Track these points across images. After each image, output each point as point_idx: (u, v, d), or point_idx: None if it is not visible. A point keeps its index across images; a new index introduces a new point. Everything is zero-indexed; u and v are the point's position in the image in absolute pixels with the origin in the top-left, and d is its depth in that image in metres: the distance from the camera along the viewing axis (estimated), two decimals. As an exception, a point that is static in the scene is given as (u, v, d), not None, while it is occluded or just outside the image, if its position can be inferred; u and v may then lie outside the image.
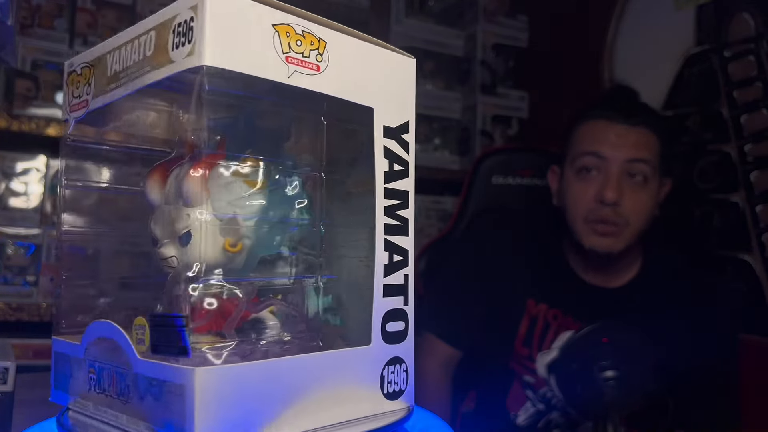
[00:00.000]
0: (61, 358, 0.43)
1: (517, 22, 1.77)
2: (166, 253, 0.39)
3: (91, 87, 0.42)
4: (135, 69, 0.38)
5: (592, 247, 1.01)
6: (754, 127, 1.16)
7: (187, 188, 0.38)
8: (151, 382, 0.35)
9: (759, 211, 1.15)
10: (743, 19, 1.19)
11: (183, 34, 0.34)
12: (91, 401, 0.40)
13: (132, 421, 0.37)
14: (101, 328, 0.39)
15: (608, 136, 1.00)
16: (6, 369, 0.65)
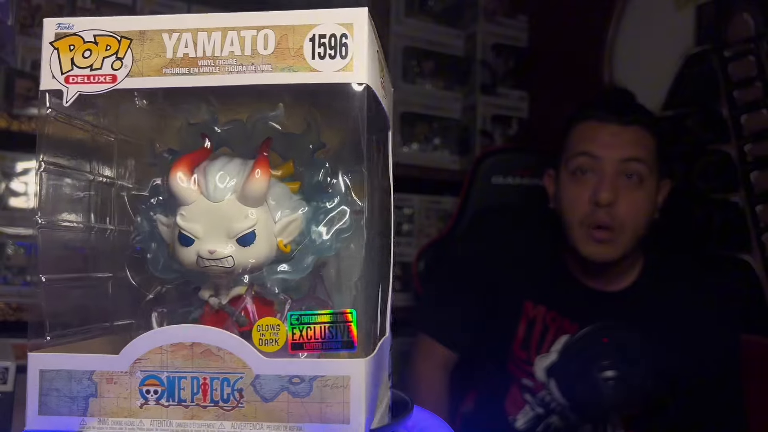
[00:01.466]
0: (58, 376, 0.37)
1: (517, 22, 1.77)
2: (220, 251, 0.38)
3: (127, 62, 0.38)
4: (234, 62, 0.37)
5: (589, 256, 0.99)
6: (754, 127, 1.16)
7: (253, 188, 0.38)
8: (292, 380, 0.36)
9: (759, 211, 1.15)
10: (743, 19, 1.19)
11: (332, 47, 0.36)
12: (149, 417, 0.37)
13: (245, 425, 0.37)
14: (180, 333, 0.37)
15: (601, 135, 0.99)
16: (6, 369, 0.65)
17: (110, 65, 0.38)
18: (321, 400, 0.36)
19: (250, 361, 0.36)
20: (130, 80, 0.38)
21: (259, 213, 0.39)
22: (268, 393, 0.36)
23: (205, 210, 0.38)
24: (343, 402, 0.36)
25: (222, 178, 0.39)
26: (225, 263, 0.38)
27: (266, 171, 0.38)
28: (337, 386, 0.36)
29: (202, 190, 0.39)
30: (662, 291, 1.04)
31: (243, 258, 0.39)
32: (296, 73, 0.37)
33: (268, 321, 0.37)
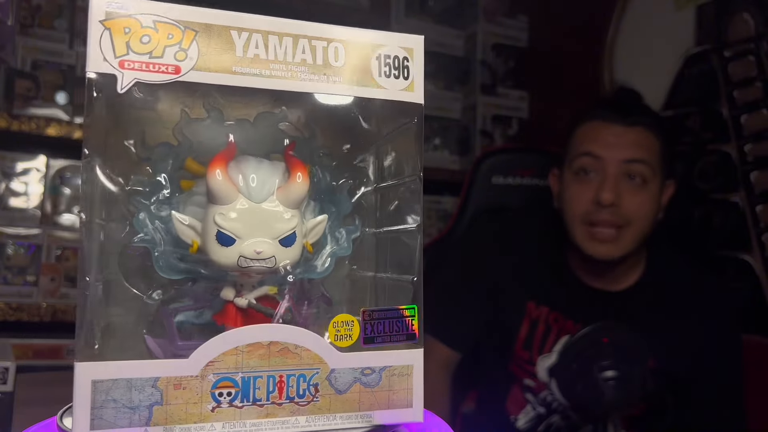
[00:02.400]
0: (115, 385, 0.35)
1: (517, 22, 1.77)
2: (266, 252, 0.38)
3: (192, 54, 0.37)
4: (307, 70, 0.39)
5: (592, 255, 1.00)
6: (754, 127, 1.16)
7: (297, 191, 0.39)
8: (364, 371, 0.39)
9: (759, 211, 1.15)
10: (743, 19, 1.19)
11: (396, 68, 0.40)
12: (221, 420, 0.37)
13: (320, 419, 0.38)
14: (257, 333, 0.38)
15: (605, 136, 0.99)
16: (6, 369, 0.65)
17: (173, 55, 0.36)
18: (389, 388, 0.40)
19: (326, 356, 0.38)
20: (196, 74, 0.37)
21: (300, 216, 0.40)
22: (342, 385, 0.39)
23: (247, 210, 0.38)
24: (407, 388, 0.40)
25: (262, 179, 0.39)
26: (269, 263, 0.39)
27: (306, 174, 0.40)
28: (402, 374, 0.40)
29: (240, 190, 0.38)
30: (663, 291, 1.04)
31: (282, 258, 0.39)
32: (365, 88, 0.40)
33: (342, 318, 0.40)
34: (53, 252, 1.34)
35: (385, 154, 0.45)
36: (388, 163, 0.46)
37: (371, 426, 0.40)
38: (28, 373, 0.96)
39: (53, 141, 1.32)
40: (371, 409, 0.39)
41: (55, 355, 1.33)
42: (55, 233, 1.35)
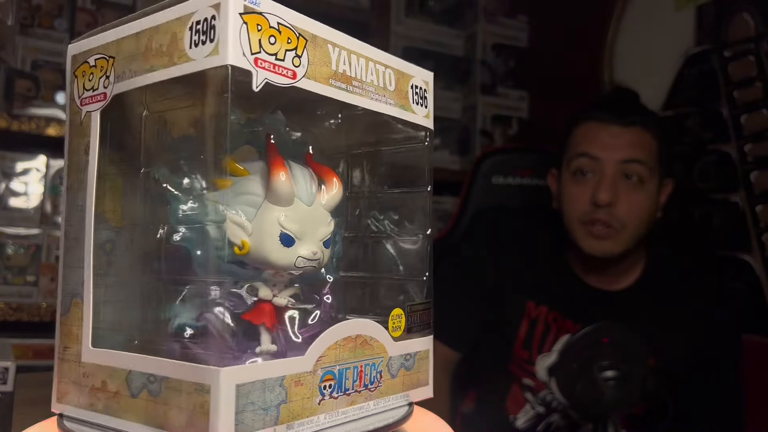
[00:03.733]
0: (253, 388, 0.34)
1: (517, 22, 1.78)
2: (320, 253, 0.41)
3: (304, 62, 0.38)
4: (374, 90, 0.43)
5: (590, 251, 1.00)
6: (754, 127, 1.16)
7: (338, 196, 0.42)
8: (406, 357, 0.45)
9: (759, 211, 1.15)
10: (743, 19, 1.19)
11: (422, 97, 0.48)
12: (323, 412, 0.38)
13: (382, 401, 0.43)
14: (347, 327, 0.41)
15: (602, 137, 1.00)
16: (6, 369, 0.65)
17: (291, 60, 0.37)
18: (417, 370, 0.46)
19: (388, 345, 0.43)
20: (307, 82, 0.38)
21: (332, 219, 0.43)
22: (394, 370, 0.44)
23: (303, 212, 0.40)
24: (426, 369, 0.47)
25: (308, 183, 0.41)
26: (318, 264, 0.41)
27: (340, 181, 0.43)
28: (424, 358, 0.47)
29: (296, 193, 0.40)
30: (663, 291, 1.04)
31: (325, 259, 0.42)
32: (405, 112, 0.46)
33: (396, 312, 0.45)
34: (53, 252, 1.34)
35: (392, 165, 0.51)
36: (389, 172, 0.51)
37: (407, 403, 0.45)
38: (28, 373, 0.96)
39: (53, 141, 1.32)
40: (408, 389, 0.45)
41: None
42: (55, 233, 1.35)
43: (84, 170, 0.40)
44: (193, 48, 0.35)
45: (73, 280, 0.41)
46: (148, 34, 0.38)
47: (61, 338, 0.42)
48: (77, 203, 0.41)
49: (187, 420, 0.34)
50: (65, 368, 0.41)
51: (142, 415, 0.36)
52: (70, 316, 0.41)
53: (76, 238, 0.41)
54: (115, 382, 0.38)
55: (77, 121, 0.41)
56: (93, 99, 0.41)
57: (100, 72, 0.40)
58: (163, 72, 0.37)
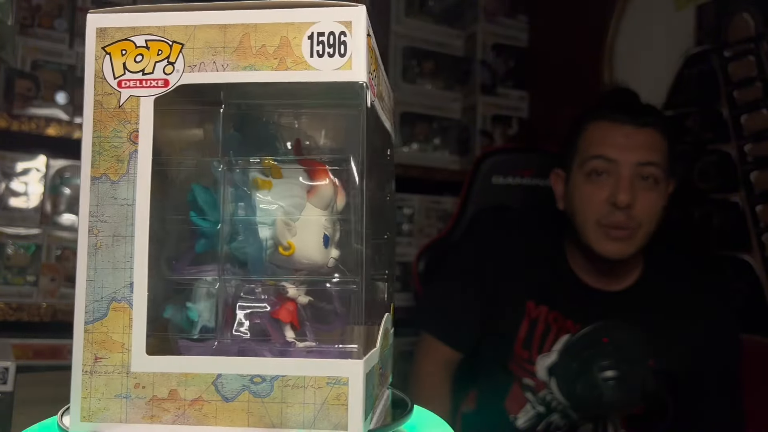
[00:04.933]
0: (369, 377, 0.38)
1: (517, 22, 1.77)
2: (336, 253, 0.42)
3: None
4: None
5: (604, 254, 0.99)
6: (754, 127, 1.16)
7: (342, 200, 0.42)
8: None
9: (759, 211, 1.15)
10: (743, 19, 1.19)
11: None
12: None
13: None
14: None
15: (616, 137, 0.99)
16: (6, 369, 0.65)
17: (373, 77, 0.40)
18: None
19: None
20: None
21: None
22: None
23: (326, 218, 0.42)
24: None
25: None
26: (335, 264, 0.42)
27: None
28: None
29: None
30: (662, 291, 1.04)
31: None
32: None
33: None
34: (53, 252, 1.34)
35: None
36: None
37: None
38: (28, 373, 0.96)
39: (53, 141, 1.32)
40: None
41: (55, 355, 1.33)
42: (55, 233, 1.35)
43: (127, 159, 0.38)
44: (316, 58, 0.37)
45: (112, 282, 0.38)
46: (243, 29, 0.38)
47: (88, 348, 0.38)
48: (114, 195, 0.38)
49: (316, 414, 0.36)
50: (97, 382, 0.37)
51: (243, 418, 0.37)
52: (106, 323, 0.38)
53: (116, 235, 0.38)
54: (194, 388, 0.37)
55: (112, 103, 0.38)
56: (143, 83, 0.38)
57: (156, 56, 0.38)
58: (274, 74, 0.37)
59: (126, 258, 0.37)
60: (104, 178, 0.38)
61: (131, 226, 0.38)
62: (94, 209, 0.38)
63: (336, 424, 0.36)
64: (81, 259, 0.38)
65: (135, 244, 0.37)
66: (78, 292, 0.37)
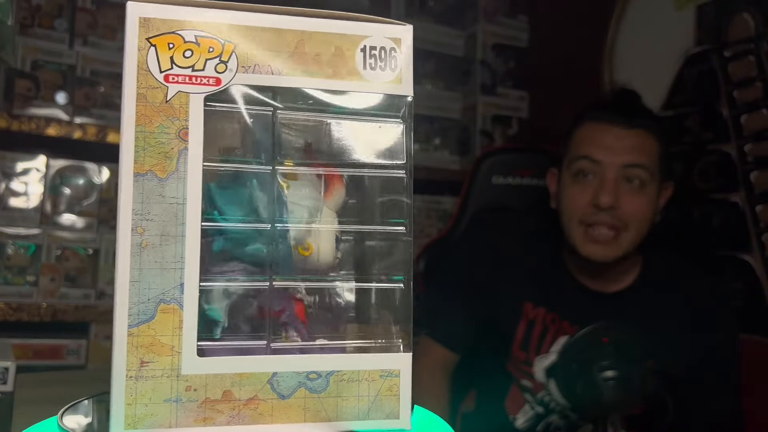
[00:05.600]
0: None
1: (517, 22, 1.78)
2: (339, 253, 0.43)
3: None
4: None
5: (588, 256, 0.99)
6: (754, 127, 1.16)
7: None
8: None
9: (759, 211, 1.15)
10: (743, 19, 1.19)
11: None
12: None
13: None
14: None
15: (604, 139, 0.99)
16: (6, 369, 0.65)
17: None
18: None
19: None
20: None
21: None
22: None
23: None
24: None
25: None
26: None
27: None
28: None
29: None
30: (661, 291, 1.04)
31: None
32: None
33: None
34: (53, 252, 1.34)
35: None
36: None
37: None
38: (28, 373, 0.96)
39: (53, 141, 1.32)
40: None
41: (55, 355, 1.33)
42: (55, 233, 1.35)
43: (176, 157, 0.37)
44: (369, 70, 0.39)
45: (160, 283, 0.36)
46: (298, 36, 0.39)
47: (132, 352, 0.36)
48: (162, 193, 0.36)
49: (371, 405, 0.39)
50: (143, 387, 0.36)
51: (299, 415, 0.37)
52: (153, 325, 0.36)
53: (164, 234, 0.36)
54: (249, 388, 0.37)
55: (158, 97, 0.37)
56: (192, 80, 0.37)
57: (208, 53, 0.38)
58: (328, 82, 0.39)
59: (176, 258, 0.36)
60: (150, 175, 0.36)
61: (182, 225, 0.36)
62: (138, 207, 0.36)
63: (389, 414, 0.39)
64: (123, 259, 0.36)
65: (186, 244, 0.36)
66: (119, 293, 0.35)
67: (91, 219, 1.39)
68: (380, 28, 0.40)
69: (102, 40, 1.41)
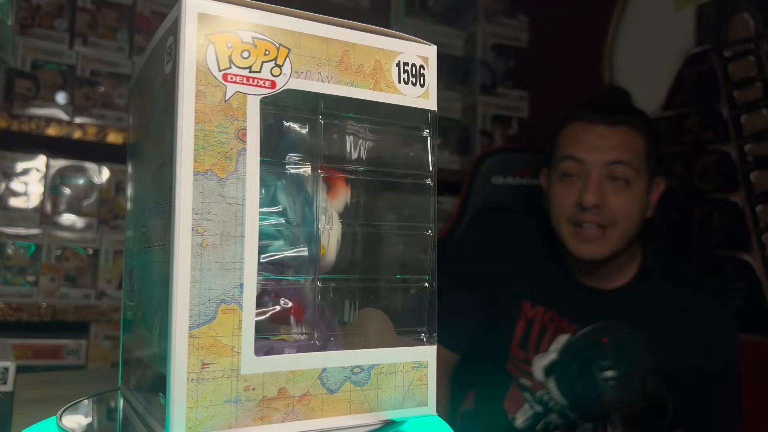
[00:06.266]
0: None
1: (517, 22, 1.78)
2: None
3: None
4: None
5: (578, 254, 1.00)
6: (754, 127, 1.16)
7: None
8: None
9: (759, 211, 1.15)
10: (743, 19, 1.19)
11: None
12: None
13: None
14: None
15: (588, 138, 1.00)
16: (6, 369, 0.65)
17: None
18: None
19: None
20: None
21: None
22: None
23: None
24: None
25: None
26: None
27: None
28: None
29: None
30: (660, 289, 1.04)
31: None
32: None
33: None
34: (53, 252, 1.34)
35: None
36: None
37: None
38: (28, 373, 0.96)
39: (53, 141, 1.32)
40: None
41: (55, 355, 1.33)
42: (55, 233, 1.35)
43: (235, 157, 0.36)
44: (403, 84, 0.42)
45: (220, 284, 0.36)
46: (343, 46, 0.41)
47: (194, 354, 0.35)
48: (222, 193, 0.36)
49: (404, 395, 0.42)
50: (204, 389, 0.35)
51: (345, 407, 0.39)
52: (214, 326, 0.36)
53: (224, 234, 0.36)
54: (301, 384, 0.38)
55: (217, 96, 0.36)
56: (249, 81, 0.37)
57: (264, 55, 0.38)
58: (371, 93, 0.41)
59: (236, 258, 0.36)
60: (210, 174, 0.36)
61: (241, 225, 0.36)
62: (199, 206, 0.35)
63: (419, 402, 0.42)
64: (182, 259, 0.35)
65: (245, 244, 0.36)
66: (180, 294, 0.35)
67: (91, 219, 1.39)
68: (411, 46, 0.43)
69: (102, 40, 1.41)
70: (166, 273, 0.36)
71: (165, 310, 0.36)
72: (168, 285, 0.35)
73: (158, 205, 0.39)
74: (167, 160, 0.37)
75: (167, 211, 0.36)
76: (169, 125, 0.36)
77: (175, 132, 0.35)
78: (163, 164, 0.38)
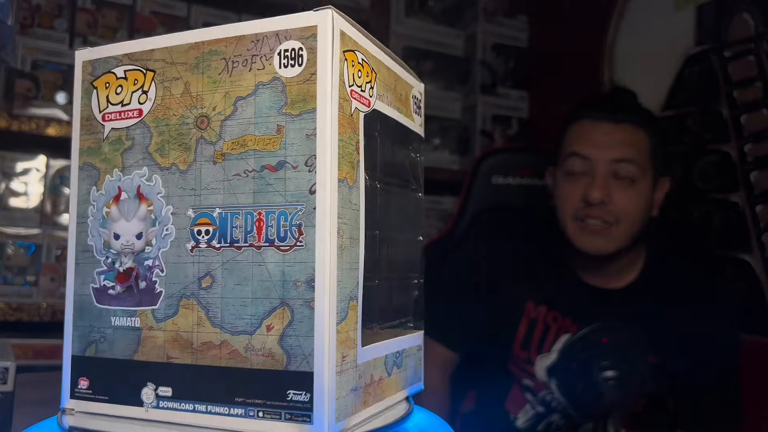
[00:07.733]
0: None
1: (517, 22, 1.77)
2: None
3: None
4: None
5: (583, 248, 1.00)
6: (754, 127, 1.16)
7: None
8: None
9: (759, 211, 1.15)
10: (743, 19, 1.19)
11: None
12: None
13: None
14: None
15: (593, 135, 1.00)
16: (6, 369, 0.65)
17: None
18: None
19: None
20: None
21: None
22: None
23: None
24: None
25: None
26: None
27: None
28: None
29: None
30: (662, 289, 1.04)
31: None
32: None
33: None
34: (53, 252, 1.34)
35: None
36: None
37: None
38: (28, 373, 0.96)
39: (53, 141, 1.32)
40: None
41: (55, 355, 1.33)
42: (55, 233, 1.35)
43: (356, 167, 0.39)
44: (414, 115, 0.50)
45: (349, 282, 0.39)
46: (395, 77, 0.47)
47: (339, 349, 0.37)
48: (350, 200, 0.39)
49: (413, 373, 0.49)
50: (342, 381, 0.38)
51: (394, 388, 0.45)
52: (347, 322, 0.38)
53: (351, 237, 0.39)
54: (378, 370, 0.43)
55: (347, 110, 0.39)
56: (360, 98, 0.40)
57: (366, 77, 0.41)
58: (404, 119, 0.48)
59: (356, 259, 0.39)
60: (344, 183, 0.38)
61: (358, 229, 0.40)
62: (340, 211, 0.38)
63: (419, 378, 0.50)
64: (329, 260, 0.37)
65: (360, 246, 0.40)
66: (326, 293, 0.36)
67: (91, 219, 1.39)
68: (416, 82, 0.51)
69: (102, 40, 1.41)
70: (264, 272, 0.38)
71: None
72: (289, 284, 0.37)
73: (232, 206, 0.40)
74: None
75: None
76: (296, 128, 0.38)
77: (316, 139, 0.37)
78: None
